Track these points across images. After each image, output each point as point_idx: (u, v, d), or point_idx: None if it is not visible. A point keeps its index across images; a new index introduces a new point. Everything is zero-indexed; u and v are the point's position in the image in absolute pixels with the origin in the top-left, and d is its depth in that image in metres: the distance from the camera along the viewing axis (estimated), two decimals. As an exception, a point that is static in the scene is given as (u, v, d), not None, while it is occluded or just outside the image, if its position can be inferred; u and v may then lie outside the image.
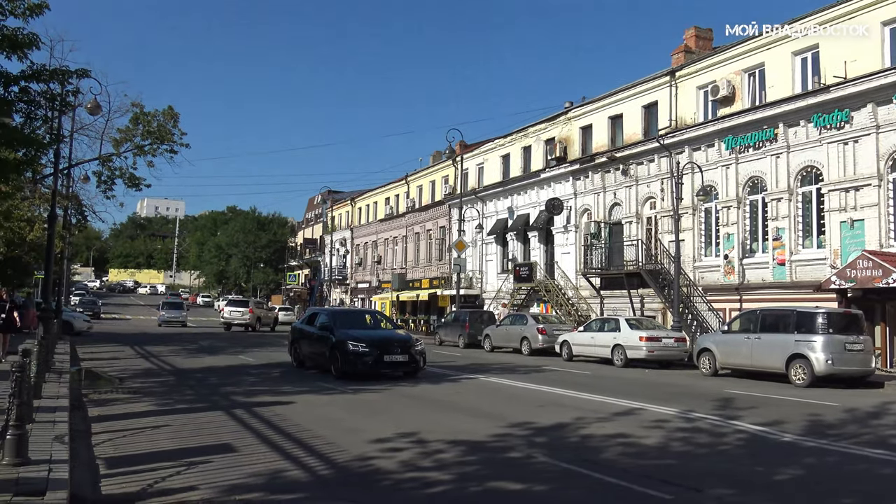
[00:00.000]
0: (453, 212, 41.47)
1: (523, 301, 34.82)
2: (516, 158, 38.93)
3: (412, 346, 16.79)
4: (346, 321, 17.92)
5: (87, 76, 14.98)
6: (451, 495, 6.42)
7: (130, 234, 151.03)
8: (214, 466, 7.24)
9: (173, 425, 9.65)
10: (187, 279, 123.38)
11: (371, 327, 18.20)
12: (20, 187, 23.66)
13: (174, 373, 17.52)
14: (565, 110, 35.31)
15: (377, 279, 54.65)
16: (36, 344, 11.82)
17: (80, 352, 22.62)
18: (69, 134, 22.93)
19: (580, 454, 8.13)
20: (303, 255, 72.56)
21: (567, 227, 33.22)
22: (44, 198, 27.99)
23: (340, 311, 21.74)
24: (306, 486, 6.59)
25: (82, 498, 6.02)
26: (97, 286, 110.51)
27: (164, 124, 26.18)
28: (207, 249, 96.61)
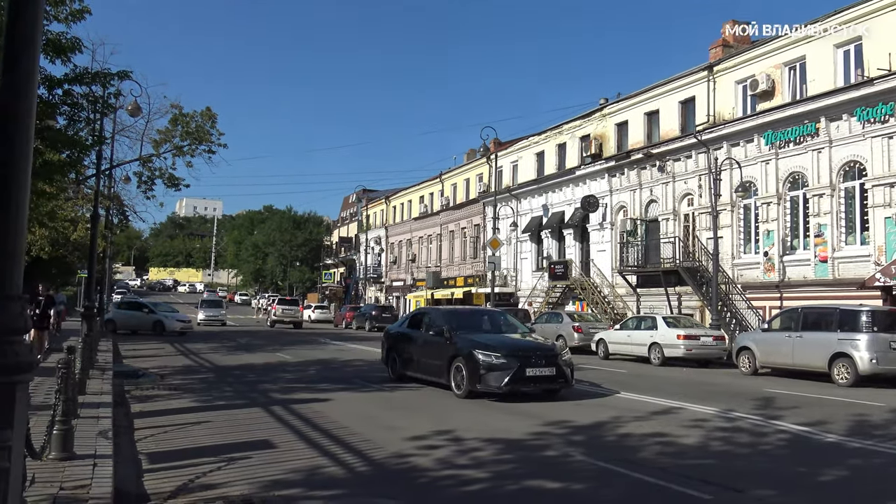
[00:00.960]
0: (488, 210, 41.39)
1: (558, 299, 34.65)
2: (551, 156, 38.73)
3: (558, 355, 12.91)
4: (465, 323, 14.36)
5: (127, 78, 15.28)
6: (488, 493, 6.40)
7: (170, 233, 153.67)
8: (253, 462, 7.33)
9: (213, 421, 9.79)
10: (225, 277, 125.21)
11: (494, 330, 14.53)
12: (64, 188, 24.17)
13: (213, 370, 17.77)
14: (600, 107, 35.03)
15: (412, 277, 54.81)
16: (80, 341, 12.07)
17: (122, 349, 23.08)
18: (111, 135, 23.42)
19: (618, 453, 8.06)
20: (338, 253, 73.09)
21: (603, 225, 32.97)
22: (86, 198, 28.62)
23: (456, 312, 16.92)
24: (344, 483, 6.64)
25: (126, 492, 6.13)
26: (138, 285, 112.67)
27: (202, 125, 26.56)
28: (245, 248, 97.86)
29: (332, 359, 21.28)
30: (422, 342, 14.38)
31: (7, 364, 3.17)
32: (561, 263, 34.74)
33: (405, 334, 15.40)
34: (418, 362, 14.39)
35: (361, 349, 25.75)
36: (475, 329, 14.11)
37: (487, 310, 19.22)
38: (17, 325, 3.24)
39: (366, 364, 19.64)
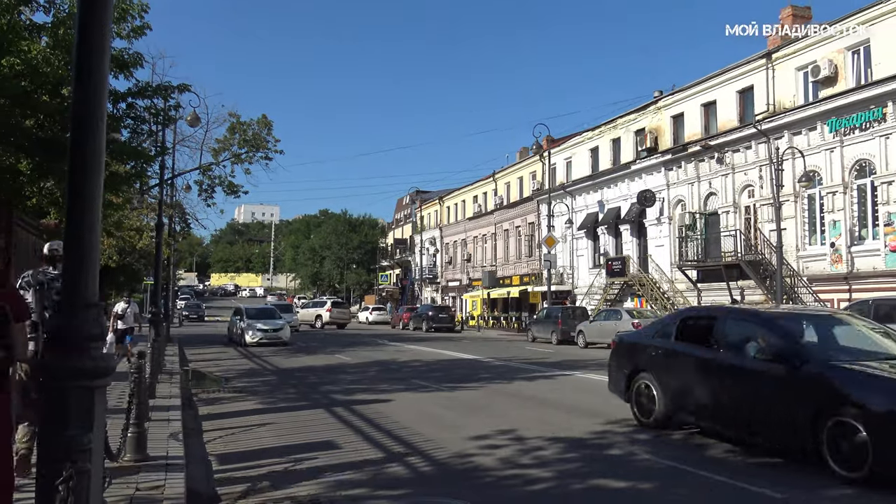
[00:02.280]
0: (542, 207, 41.12)
1: (616, 296, 34.22)
2: (605, 151, 38.28)
3: None
4: (828, 340, 8.35)
5: (187, 90, 15.66)
6: (554, 493, 6.36)
7: (229, 239, 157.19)
8: (319, 463, 7.43)
9: (278, 423, 9.96)
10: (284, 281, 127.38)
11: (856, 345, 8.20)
12: (129, 199, 25.00)
13: (275, 372, 18.09)
14: (655, 100, 34.47)
15: (467, 277, 54.86)
16: (149, 346, 12.43)
17: (188, 353, 23.70)
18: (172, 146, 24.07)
19: (684, 452, 7.91)
20: (393, 255, 73.63)
21: (660, 219, 32.42)
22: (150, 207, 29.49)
23: (794, 317, 9.17)
24: (409, 483, 6.67)
25: (197, 493, 6.29)
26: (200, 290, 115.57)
27: (258, 132, 27.18)
28: (302, 252, 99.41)
29: (391, 360, 21.44)
30: (726, 371, 8.19)
31: (86, 369, 3.28)
32: (618, 260, 34.31)
33: (676, 353, 9.16)
34: (717, 405, 8.32)
35: (420, 350, 25.88)
36: (836, 347, 8.10)
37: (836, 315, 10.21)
38: (94, 332, 3.35)
39: (424, 365, 19.73)
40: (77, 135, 3.39)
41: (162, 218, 20.62)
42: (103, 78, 3.47)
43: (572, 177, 40.93)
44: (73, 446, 3.00)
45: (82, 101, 3.38)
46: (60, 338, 3.31)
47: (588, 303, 35.70)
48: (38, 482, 3.23)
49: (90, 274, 3.39)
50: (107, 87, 3.61)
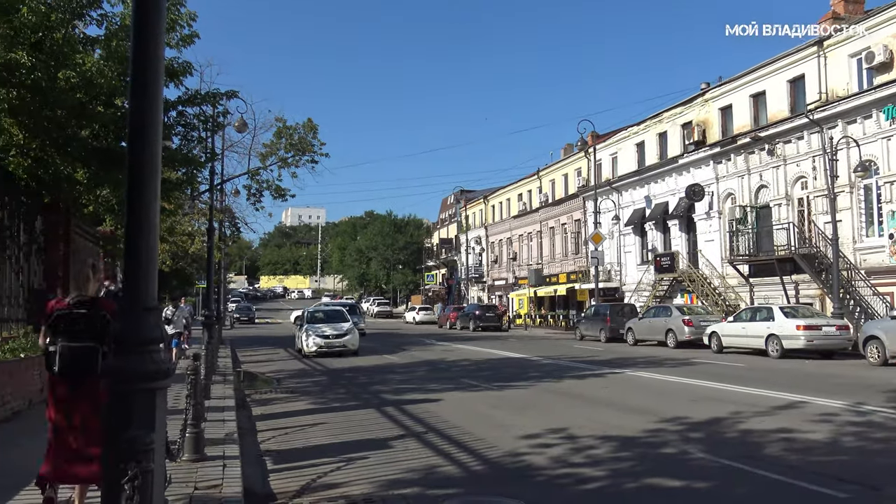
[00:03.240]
0: (588, 204, 40.77)
1: (665, 292, 33.72)
2: (651, 145, 37.75)
3: None
4: None
5: (235, 97, 15.98)
6: (608, 492, 6.30)
7: (277, 242, 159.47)
8: (371, 462, 7.50)
9: (329, 423, 10.08)
10: (331, 283, 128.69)
11: None
12: (181, 204, 25.57)
13: (326, 373, 18.30)
14: (702, 92, 33.85)
15: (513, 276, 54.69)
16: (203, 349, 12.70)
17: (239, 355, 24.15)
18: (221, 152, 24.55)
19: (740, 450, 7.75)
20: (439, 255, 73.80)
21: (710, 214, 31.84)
22: (201, 213, 30.10)
23: None
24: (461, 482, 6.69)
25: (253, 492, 6.41)
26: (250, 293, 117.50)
27: (304, 136, 27.50)
28: (348, 254, 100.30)
29: (440, 359, 21.50)
30: None
31: (147, 371, 3.37)
32: (667, 255, 33.79)
33: None
34: None
35: (468, 349, 25.90)
36: None
37: None
38: (154, 335, 3.44)
39: (473, 364, 19.73)
40: (134, 145, 3.49)
41: (213, 222, 21.02)
42: (158, 89, 3.56)
43: (618, 172, 40.47)
44: (136, 446, 3.09)
45: (139, 112, 3.48)
46: (122, 341, 3.41)
47: (636, 299, 35.25)
48: (104, 481, 3.33)
49: (149, 279, 3.48)
50: (162, 98, 3.71)
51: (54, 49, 11.63)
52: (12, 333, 11.25)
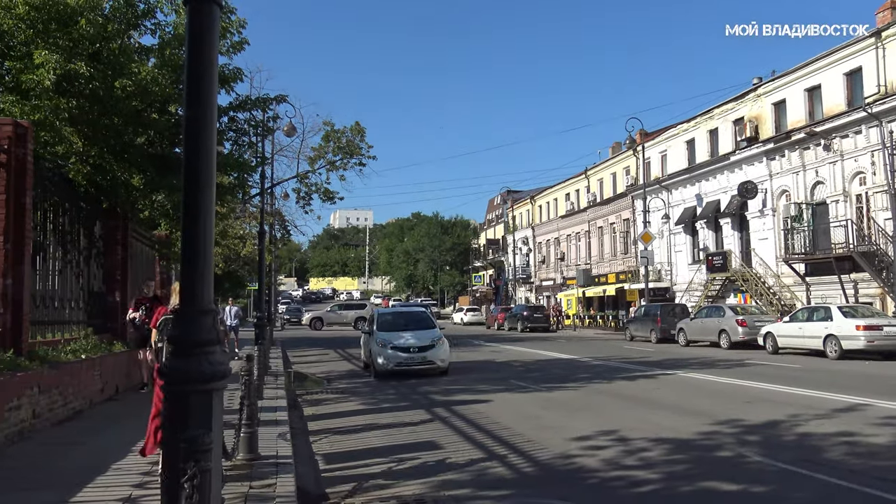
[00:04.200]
0: (637, 203, 40.25)
1: (718, 292, 33.10)
2: (702, 142, 37.10)
3: None
4: None
5: (284, 101, 16.21)
6: (662, 495, 6.19)
7: (326, 244, 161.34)
8: (422, 463, 7.52)
9: (380, 423, 10.14)
10: (379, 284, 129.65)
11: None
12: (233, 208, 26.07)
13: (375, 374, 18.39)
14: (754, 87, 33.14)
15: (561, 276, 54.30)
16: (256, 349, 12.89)
17: (290, 355, 24.48)
18: (271, 156, 24.95)
19: (799, 454, 7.55)
20: (486, 255, 73.75)
21: (763, 211, 31.13)
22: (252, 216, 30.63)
23: None
24: (512, 483, 6.66)
25: (306, 491, 6.48)
26: (300, 294, 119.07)
27: (352, 140, 27.77)
28: (396, 255, 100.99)
29: (488, 360, 21.47)
30: None
31: (204, 372, 3.43)
32: (719, 254, 33.16)
33: None
34: None
35: (517, 350, 25.79)
36: None
37: None
38: (210, 337, 3.50)
39: (522, 365, 19.65)
40: (190, 151, 3.56)
41: (264, 226, 21.37)
42: (213, 97, 3.62)
43: (668, 170, 39.86)
44: (195, 446, 3.14)
45: (195, 119, 3.55)
46: (179, 343, 3.49)
47: (688, 300, 34.65)
48: (163, 480, 3.41)
49: (206, 282, 3.55)
50: (216, 105, 3.78)
51: (111, 59, 11.98)
52: (73, 335, 11.60)
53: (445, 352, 17.13)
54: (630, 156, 44.18)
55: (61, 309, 11.39)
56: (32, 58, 10.82)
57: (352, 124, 28.40)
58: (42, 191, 10.28)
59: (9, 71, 11.51)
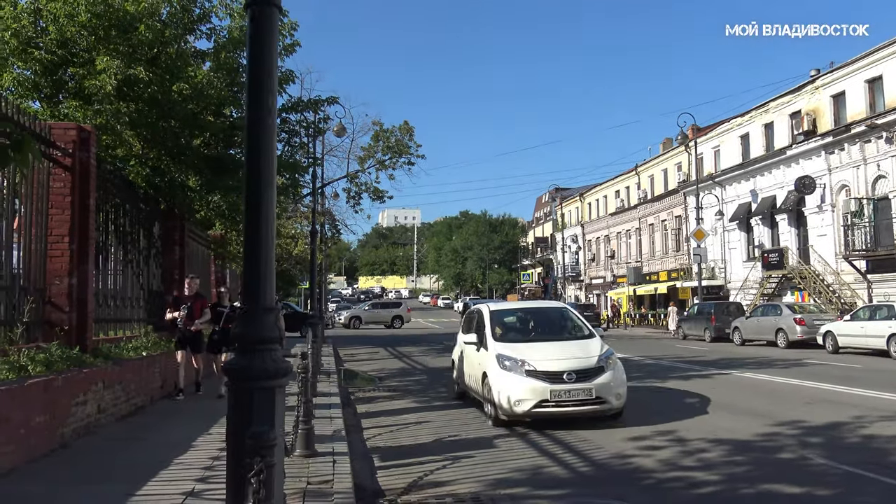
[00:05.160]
0: (689, 199, 39.54)
1: (774, 290, 32.31)
2: (757, 137, 36.25)
3: None
4: None
5: (335, 103, 16.38)
6: (722, 497, 6.08)
7: (374, 243, 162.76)
8: (476, 461, 7.52)
9: (433, 421, 10.18)
10: (427, 283, 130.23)
11: None
12: (284, 208, 26.48)
13: (426, 372, 18.51)
14: (811, 79, 32.24)
15: (611, 274, 53.72)
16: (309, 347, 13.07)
17: (341, 353, 24.73)
18: (321, 156, 25.26)
19: (864, 456, 7.32)
20: (534, 253, 73.46)
21: (821, 207, 30.26)
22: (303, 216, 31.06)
23: None
24: (569, 483, 6.62)
25: (363, 487, 6.54)
26: (349, 293, 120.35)
27: (401, 139, 27.94)
28: (444, 254, 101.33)
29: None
30: None
31: (267, 370, 3.50)
32: (775, 251, 32.38)
33: None
34: None
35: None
36: None
37: None
38: (272, 335, 3.57)
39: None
40: (252, 152, 3.62)
41: (316, 225, 21.66)
42: (272, 99, 3.69)
43: (721, 166, 39.07)
44: (261, 442, 3.20)
45: (256, 121, 3.61)
46: (243, 341, 3.56)
47: (743, 298, 33.91)
48: (229, 475, 3.48)
49: (268, 281, 3.62)
50: (276, 107, 3.85)
51: (168, 63, 12.29)
52: (134, 333, 11.93)
53: (620, 378, 9.84)
54: (682, 151, 43.42)
55: (122, 307, 11.72)
56: (94, 64, 11.17)
57: (400, 123, 28.59)
58: (104, 193, 10.58)
59: (72, 77, 11.90)
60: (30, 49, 11.30)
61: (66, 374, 7.51)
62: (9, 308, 7.81)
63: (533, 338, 10.89)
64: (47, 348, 7.84)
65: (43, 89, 11.79)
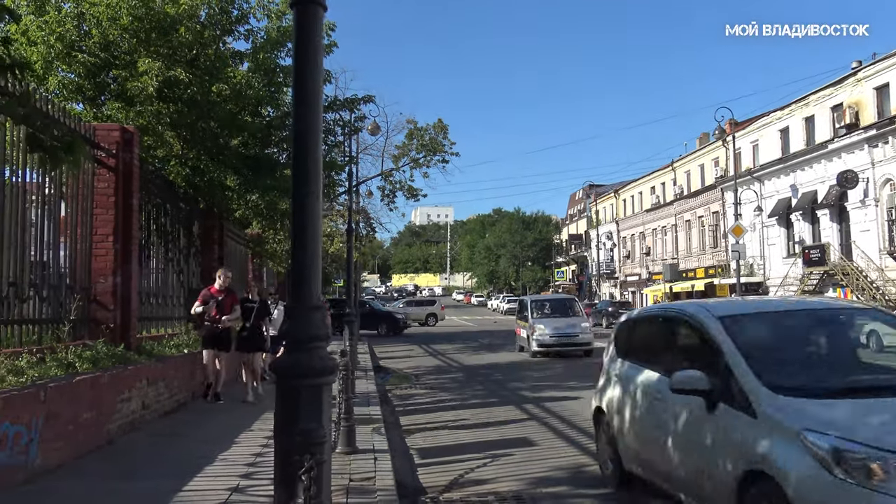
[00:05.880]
0: (727, 195, 38.96)
1: (815, 287, 31.65)
2: (797, 131, 35.55)
3: None
4: None
5: (371, 102, 16.45)
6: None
7: (407, 241, 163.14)
8: (516, 459, 7.50)
9: (471, 419, 10.18)
10: (460, 280, 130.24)
11: None
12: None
13: (461, 369, 18.51)
14: (853, 71, 31.51)
15: (647, 271, 53.18)
16: (346, 345, 13.18)
17: (377, 351, 24.85)
18: (356, 154, 25.40)
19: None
20: (568, 251, 73.06)
21: (865, 202, 29.57)
22: (339, 214, 31.25)
23: None
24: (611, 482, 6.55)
25: (405, 485, 6.56)
26: (383, 291, 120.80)
27: (435, 137, 27.97)
28: (477, 251, 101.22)
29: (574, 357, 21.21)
30: None
31: (315, 367, 3.51)
32: (816, 247, 31.74)
33: None
34: None
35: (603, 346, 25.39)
36: None
37: None
38: (320, 333, 3.58)
39: (609, 361, 19.33)
40: (300, 150, 3.63)
41: (351, 223, 21.79)
42: (318, 97, 3.70)
43: (759, 161, 38.40)
44: (311, 439, 3.22)
45: (303, 119, 3.63)
46: (291, 339, 3.58)
47: (782, 295, 33.29)
48: (277, 472, 3.50)
49: (314, 279, 3.64)
50: (321, 105, 3.86)
51: (207, 64, 12.44)
52: (175, 330, 12.11)
53: None
54: (719, 146, 42.78)
55: (164, 305, 11.90)
56: (136, 66, 11.35)
57: (434, 122, 28.62)
58: (146, 192, 10.75)
59: (114, 79, 12.10)
60: (73, 52, 11.51)
61: (111, 370, 7.65)
62: (56, 306, 7.98)
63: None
64: (93, 345, 7.99)
65: (86, 91, 12.01)
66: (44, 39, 11.13)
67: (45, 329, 7.72)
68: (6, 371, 6.07)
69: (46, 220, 7.95)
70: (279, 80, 13.57)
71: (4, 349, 6.63)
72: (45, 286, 7.76)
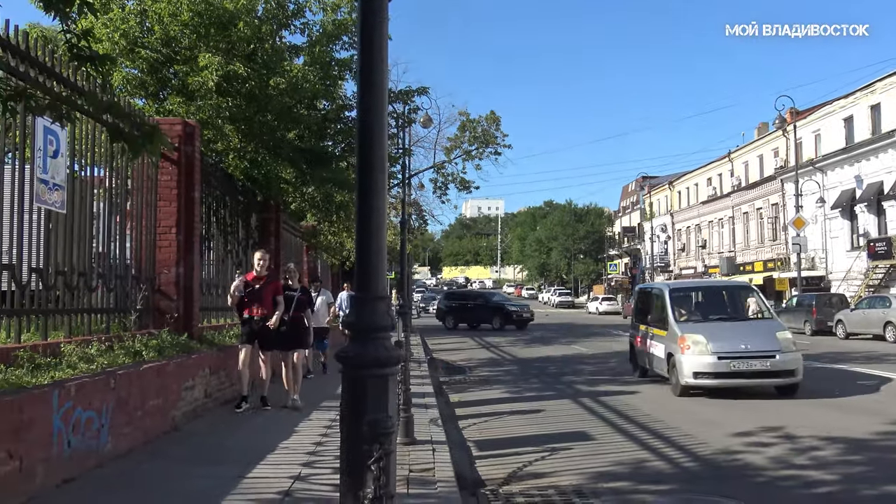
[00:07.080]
0: (787, 186, 37.90)
1: (881, 281, 30.62)
2: (862, 119, 34.33)
3: None
4: None
5: (425, 94, 16.44)
6: (841, 498, 5.76)
7: (458, 234, 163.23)
8: (575, 453, 7.41)
9: (526, 412, 10.11)
10: (511, 273, 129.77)
11: None
12: (374, 199, 26.87)
13: (515, 362, 18.44)
14: (923, 56, 30.23)
15: (703, 264, 52.12)
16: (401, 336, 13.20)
17: (429, 343, 24.92)
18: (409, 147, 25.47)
19: None
20: (621, 243, 72.04)
21: (935, 193, 28.43)
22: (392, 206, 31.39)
23: None
24: (673, 478, 6.43)
25: (463, 476, 6.54)
26: (433, 283, 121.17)
27: (487, 129, 27.86)
28: (528, 244, 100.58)
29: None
30: None
31: (380, 358, 3.50)
32: (882, 240, 30.65)
33: None
34: None
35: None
36: None
37: None
38: (384, 323, 3.57)
39: (665, 356, 19.01)
40: (364, 141, 3.60)
41: (405, 215, 21.87)
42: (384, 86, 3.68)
43: (821, 151, 37.22)
44: (379, 429, 3.21)
45: (368, 109, 3.60)
46: (358, 330, 3.58)
47: (846, 289, 32.26)
48: (344, 462, 3.51)
49: (379, 269, 3.62)
50: (387, 94, 3.84)
51: (265, 59, 12.57)
52: (234, 321, 12.31)
53: None
54: (779, 136, 41.62)
55: (223, 296, 12.08)
56: (197, 61, 11.55)
57: (487, 113, 28.49)
58: (206, 185, 10.93)
59: (175, 74, 12.35)
60: (136, 48, 11.78)
61: (176, 359, 7.82)
62: (122, 296, 8.19)
63: None
64: (158, 334, 8.18)
65: (148, 87, 12.29)
66: (108, 36, 11.40)
67: (112, 318, 7.93)
68: (77, 358, 6.25)
69: (113, 212, 8.16)
70: (334, 73, 13.66)
71: (75, 337, 6.84)
72: (113, 277, 7.96)
